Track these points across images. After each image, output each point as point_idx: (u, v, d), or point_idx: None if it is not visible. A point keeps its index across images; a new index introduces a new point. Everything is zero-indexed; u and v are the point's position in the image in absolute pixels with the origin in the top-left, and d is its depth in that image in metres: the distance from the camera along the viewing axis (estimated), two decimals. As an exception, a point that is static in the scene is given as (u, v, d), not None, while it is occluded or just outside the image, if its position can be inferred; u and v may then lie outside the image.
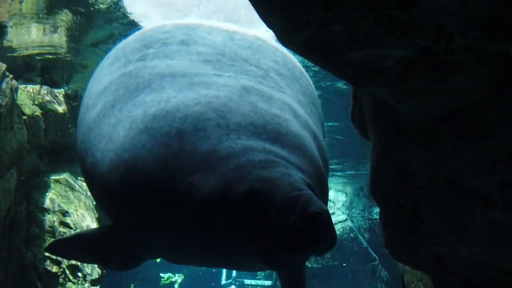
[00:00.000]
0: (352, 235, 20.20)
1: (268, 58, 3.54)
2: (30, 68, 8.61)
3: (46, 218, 7.40)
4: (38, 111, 7.83)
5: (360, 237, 20.68)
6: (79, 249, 3.63)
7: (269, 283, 19.41)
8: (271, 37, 3.52)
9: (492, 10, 2.08)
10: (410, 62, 2.31)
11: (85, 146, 3.43)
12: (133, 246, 3.32)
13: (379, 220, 3.17)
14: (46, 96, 8.01)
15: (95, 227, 7.46)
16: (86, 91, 3.90)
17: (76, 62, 8.88)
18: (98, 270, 7.32)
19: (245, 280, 20.32)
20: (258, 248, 2.74)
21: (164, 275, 16.92)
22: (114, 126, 3.16)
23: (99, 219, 7.89)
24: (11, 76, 6.94)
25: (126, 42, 3.80)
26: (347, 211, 22.03)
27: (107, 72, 3.61)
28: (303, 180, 2.83)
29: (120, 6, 7.25)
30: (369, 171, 3.00)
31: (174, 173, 2.88)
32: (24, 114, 7.52)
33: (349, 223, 20.61)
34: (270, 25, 2.36)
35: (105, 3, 7.12)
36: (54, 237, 7.33)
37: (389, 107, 2.68)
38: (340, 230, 19.16)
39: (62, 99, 8.21)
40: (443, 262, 3.12)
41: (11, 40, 8.00)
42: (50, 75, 8.89)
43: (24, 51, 8.12)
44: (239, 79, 3.23)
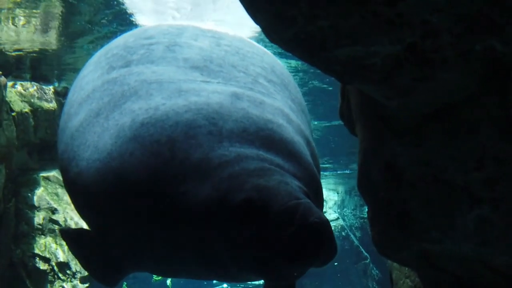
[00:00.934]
0: (343, 233, 20.27)
1: (256, 65, 3.46)
2: (20, 64, 8.57)
3: (35, 215, 7.37)
4: (27, 108, 7.79)
5: (352, 235, 20.75)
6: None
7: (260, 281, 19.42)
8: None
9: (478, 6, 2.08)
10: (397, 59, 2.31)
11: (68, 156, 3.31)
12: (117, 257, 3.20)
13: (367, 216, 3.17)
14: (35, 93, 7.98)
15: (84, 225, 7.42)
16: (67, 100, 3.77)
17: (65, 59, 8.86)
18: (87, 267, 7.28)
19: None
20: (255, 260, 2.66)
21: (156, 273, 16.87)
22: (100, 135, 3.06)
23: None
24: (0, 72, 6.90)
25: (108, 49, 3.68)
26: (338, 210, 22.09)
27: (90, 79, 3.49)
28: (300, 188, 2.76)
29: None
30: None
31: (166, 182, 2.80)
32: (13, 111, 7.49)
33: (340, 222, 20.68)
34: (258, 21, 2.36)
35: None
36: (43, 234, 7.30)
37: (377, 104, 2.68)
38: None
39: (51, 96, 8.17)
40: (431, 259, 3.13)
41: None
42: (40, 72, 8.86)
43: (14, 46, 8.09)
44: (228, 85, 3.16)
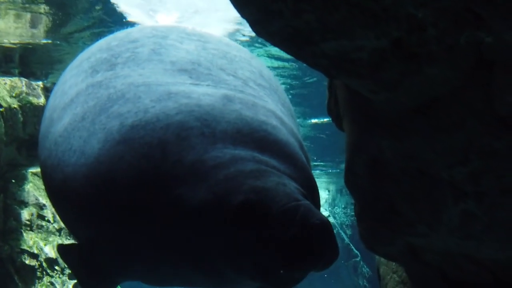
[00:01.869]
0: (334, 231, 20.27)
1: (245, 69, 3.39)
2: (9, 60, 8.53)
3: (24, 211, 7.35)
4: (16, 104, 7.76)
5: (343, 233, 20.82)
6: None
7: None
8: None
9: (463, 0, 2.10)
10: (383, 53, 2.32)
11: (51, 163, 3.21)
12: (107, 266, 3.09)
13: (354, 212, 3.19)
14: (24, 89, 7.95)
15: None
16: (47, 105, 3.66)
17: (55, 55, 8.82)
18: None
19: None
20: (253, 265, 2.57)
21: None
22: (86, 140, 2.96)
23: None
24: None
25: (90, 53, 3.58)
26: (329, 208, 22.15)
27: (72, 83, 3.37)
28: (298, 190, 2.69)
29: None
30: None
31: (158, 185, 2.71)
32: (1, 106, 7.45)
33: (331, 220, 20.72)
34: (244, 14, 2.36)
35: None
36: (31, 230, 7.28)
37: (363, 98, 2.69)
38: (322, 226, 19.22)
39: (40, 91, 8.14)
40: (417, 253, 3.15)
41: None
42: (29, 67, 8.82)
43: (2, 39, 8.05)
44: (218, 88, 3.09)
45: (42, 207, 7.34)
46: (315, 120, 13.12)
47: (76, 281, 7.03)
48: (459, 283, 3.17)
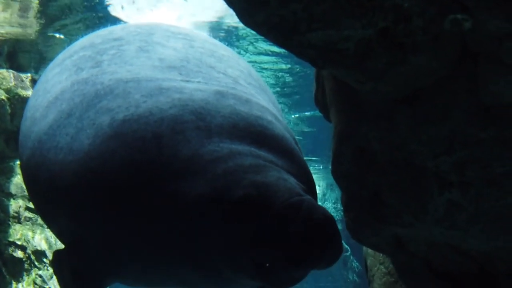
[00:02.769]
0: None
1: (234, 67, 3.32)
2: (-4, 52, 8.47)
3: (12, 203, 7.32)
4: (4, 95, 7.69)
5: (332, 227, 20.79)
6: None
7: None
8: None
9: (448, -10, 2.11)
10: (369, 43, 2.33)
11: (35, 162, 3.08)
12: (95, 268, 2.98)
13: (341, 202, 3.20)
14: (12, 81, 7.89)
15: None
16: (28, 106, 3.53)
17: (43, 47, 8.77)
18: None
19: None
20: (253, 262, 2.47)
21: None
22: (73, 136, 2.87)
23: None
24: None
25: (72, 51, 3.45)
26: (320, 203, 22.12)
27: (56, 81, 3.25)
28: (298, 185, 2.61)
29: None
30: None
31: (154, 180, 2.62)
32: (-11, 98, 7.41)
33: (321, 214, 20.71)
34: (231, 4, 2.36)
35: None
36: (19, 222, 7.25)
37: (350, 89, 2.70)
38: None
39: (28, 84, 8.08)
40: (403, 243, 3.16)
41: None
42: (18, 60, 8.75)
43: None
44: (210, 84, 3.00)
45: (30, 199, 7.31)
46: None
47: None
48: (445, 274, 3.20)
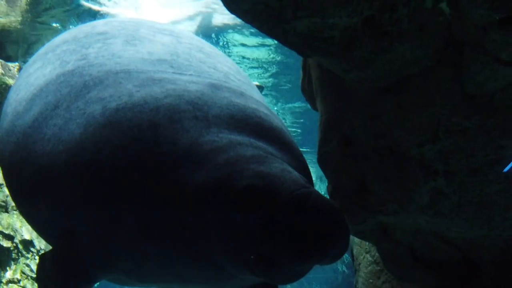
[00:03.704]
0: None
1: (223, 63, 3.26)
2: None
3: (-1, 192, 7.30)
4: (-10, 84, 7.66)
5: (321, 218, 20.83)
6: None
7: None
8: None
9: (433, -22, 2.12)
10: (355, 32, 2.33)
11: (20, 156, 2.98)
12: (85, 263, 2.88)
13: (327, 191, 3.21)
14: (-1, 69, 7.85)
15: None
16: (7, 101, 3.42)
17: (30, 35, 8.70)
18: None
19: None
20: (257, 256, 2.39)
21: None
22: (62, 127, 2.78)
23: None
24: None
25: (54, 45, 3.35)
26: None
27: (39, 75, 3.16)
28: (302, 178, 2.52)
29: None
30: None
31: (153, 170, 2.54)
32: (-24, 87, 7.36)
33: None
34: (217, -9, 2.35)
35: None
36: (6, 211, 7.21)
37: (335, 77, 2.71)
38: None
39: (16, 73, 8.03)
40: (388, 231, 3.19)
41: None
42: (6, 50, 8.68)
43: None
44: (203, 78, 2.94)
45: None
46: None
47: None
48: (429, 262, 3.22)
